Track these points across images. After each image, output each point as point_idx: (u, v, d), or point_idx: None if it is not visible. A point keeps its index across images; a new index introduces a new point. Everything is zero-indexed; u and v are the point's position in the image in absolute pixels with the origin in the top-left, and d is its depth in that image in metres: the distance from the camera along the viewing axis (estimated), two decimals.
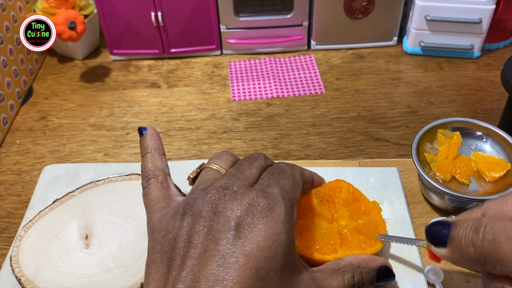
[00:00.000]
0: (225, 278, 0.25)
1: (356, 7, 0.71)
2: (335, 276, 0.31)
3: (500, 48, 0.74)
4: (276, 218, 0.28)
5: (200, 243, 0.27)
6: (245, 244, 0.26)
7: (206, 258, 0.27)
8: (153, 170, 0.35)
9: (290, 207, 0.30)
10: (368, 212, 0.40)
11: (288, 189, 0.31)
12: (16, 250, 0.43)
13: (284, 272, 0.28)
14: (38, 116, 0.65)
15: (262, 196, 0.29)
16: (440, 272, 0.41)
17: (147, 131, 0.37)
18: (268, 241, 0.27)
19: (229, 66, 0.73)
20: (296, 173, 0.34)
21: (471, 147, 0.48)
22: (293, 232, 0.30)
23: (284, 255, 0.28)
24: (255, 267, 0.26)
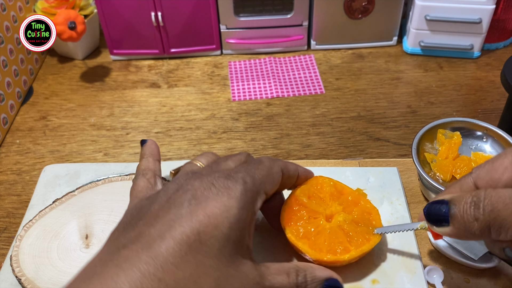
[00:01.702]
0: (165, 235, 0.26)
1: (356, 7, 0.71)
2: (279, 273, 0.31)
3: (500, 48, 0.74)
4: (230, 194, 0.29)
5: (155, 209, 0.29)
6: (194, 210, 0.28)
7: (156, 220, 0.28)
8: (143, 169, 0.38)
9: (252, 191, 0.31)
10: (356, 201, 0.40)
11: (257, 177, 0.32)
12: (16, 250, 0.43)
13: (228, 246, 0.28)
14: (38, 116, 0.65)
15: (223, 177, 0.30)
16: (440, 272, 0.41)
17: (147, 142, 0.41)
18: (217, 210, 0.28)
19: (229, 66, 0.73)
20: (275, 167, 0.35)
21: (471, 147, 0.48)
22: (248, 215, 0.30)
23: (231, 228, 0.28)
24: (198, 229, 0.27)
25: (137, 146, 0.60)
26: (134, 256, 0.25)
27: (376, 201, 0.46)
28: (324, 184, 0.41)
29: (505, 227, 0.26)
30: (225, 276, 0.27)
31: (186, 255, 0.26)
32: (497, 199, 0.26)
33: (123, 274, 0.24)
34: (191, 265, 0.26)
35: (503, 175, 0.28)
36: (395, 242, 0.43)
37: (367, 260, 0.42)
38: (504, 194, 0.26)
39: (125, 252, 0.26)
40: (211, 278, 0.27)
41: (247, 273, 0.29)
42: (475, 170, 0.30)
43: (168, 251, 0.26)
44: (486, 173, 0.29)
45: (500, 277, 0.41)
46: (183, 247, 0.26)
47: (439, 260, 0.43)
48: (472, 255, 0.41)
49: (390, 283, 0.39)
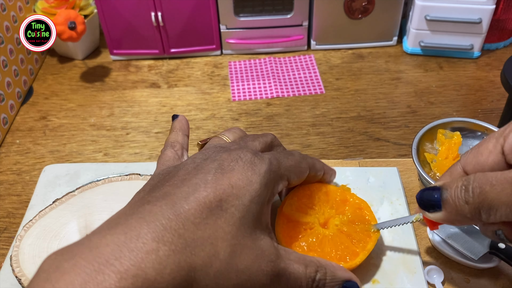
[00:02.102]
0: (190, 196, 0.27)
1: (356, 7, 0.71)
2: (298, 262, 0.31)
3: (500, 48, 0.74)
4: (255, 169, 0.30)
5: (182, 174, 0.30)
6: (219, 178, 0.29)
7: (182, 182, 0.29)
8: (172, 142, 0.38)
9: (275, 173, 0.32)
10: (344, 199, 0.40)
11: (283, 164, 0.33)
12: (16, 250, 0.43)
13: (247, 218, 0.29)
14: (38, 116, 0.65)
15: (250, 153, 0.31)
16: (440, 272, 0.41)
17: (178, 117, 0.42)
18: (240, 182, 0.29)
19: (229, 66, 0.73)
20: (304, 163, 0.36)
21: (471, 147, 0.48)
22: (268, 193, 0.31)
23: (252, 201, 0.29)
24: (220, 196, 0.28)
25: (137, 146, 0.60)
26: (157, 211, 0.26)
27: (376, 201, 0.46)
28: (308, 192, 0.40)
29: (493, 208, 0.26)
30: (241, 245, 0.28)
31: (206, 217, 0.27)
32: (484, 181, 0.27)
33: (146, 225, 0.25)
34: (210, 227, 0.27)
35: (488, 158, 0.29)
36: (395, 242, 0.43)
37: (367, 260, 0.42)
38: (491, 176, 0.27)
39: (149, 206, 0.27)
40: (227, 243, 0.27)
41: (263, 248, 0.29)
42: (463, 157, 0.31)
43: (190, 211, 0.27)
44: (472, 157, 0.30)
45: (500, 277, 0.41)
46: (205, 210, 0.27)
47: (439, 260, 0.43)
48: (472, 255, 0.41)
49: (390, 283, 0.39)
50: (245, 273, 0.28)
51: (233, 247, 0.28)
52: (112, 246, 0.24)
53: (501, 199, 0.26)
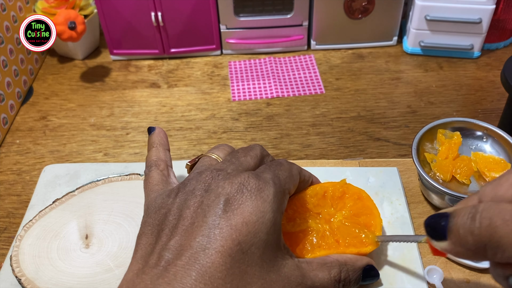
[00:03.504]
0: (208, 247, 0.27)
1: (356, 7, 0.71)
2: (321, 269, 0.32)
3: (500, 48, 0.74)
4: (264, 197, 0.29)
5: (189, 216, 0.29)
6: (231, 218, 0.28)
7: (193, 229, 0.28)
8: (155, 160, 0.37)
9: (281, 192, 0.31)
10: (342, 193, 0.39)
11: (282, 178, 0.33)
12: (16, 250, 0.43)
13: (267, 251, 0.28)
14: (38, 116, 0.65)
15: (253, 178, 0.30)
16: (440, 272, 0.41)
17: (155, 130, 0.40)
18: (254, 217, 0.28)
19: (229, 66, 0.73)
20: (294, 169, 0.36)
21: (471, 147, 0.48)
22: (280, 217, 0.30)
23: (268, 233, 0.28)
24: (238, 239, 0.27)
25: (137, 146, 0.60)
26: (183, 273, 0.26)
27: (376, 201, 0.46)
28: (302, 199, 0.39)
29: (501, 247, 0.22)
30: (268, 283, 0.28)
31: (231, 267, 0.26)
32: (496, 213, 0.23)
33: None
34: (236, 276, 0.27)
35: (508, 191, 0.25)
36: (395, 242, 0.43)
37: None
38: (504, 208, 0.23)
39: (173, 269, 0.26)
40: (255, 287, 0.27)
41: (288, 275, 0.29)
42: (482, 188, 0.27)
43: (213, 265, 0.26)
44: (491, 189, 0.26)
45: None
46: (227, 259, 0.27)
47: (439, 260, 0.43)
48: None
49: (390, 283, 0.39)
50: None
51: (260, 286, 0.27)
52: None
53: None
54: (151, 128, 0.40)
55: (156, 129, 0.40)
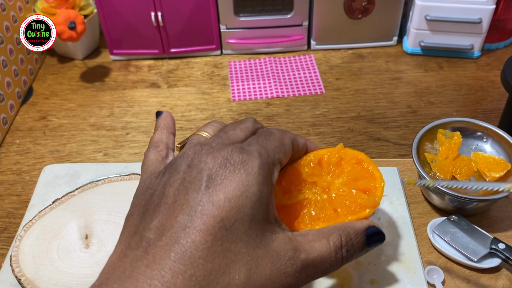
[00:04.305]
0: (188, 226, 0.26)
1: (356, 7, 0.71)
2: (318, 239, 0.30)
3: (500, 48, 0.74)
4: (248, 170, 0.28)
5: (171, 194, 0.28)
6: (213, 194, 0.27)
7: (175, 207, 0.27)
8: (155, 142, 0.36)
9: (268, 163, 0.30)
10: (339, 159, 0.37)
11: (270, 148, 0.31)
12: (16, 250, 0.43)
13: (253, 226, 0.27)
14: (38, 116, 0.65)
15: (237, 151, 0.29)
16: (440, 272, 0.41)
17: (162, 114, 0.39)
18: (237, 191, 0.27)
19: (229, 66, 0.73)
20: (286, 138, 0.34)
21: (471, 147, 0.48)
22: (267, 189, 0.29)
23: (254, 207, 0.27)
24: (221, 216, 0.26)
25: (137, 146, 0.60)
26: (163, 255, 0.25)
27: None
28: (296, 169, 0.37)
29: None
30: (255, 259, 0.27)
31: (212, 246, 0.25)
32: None
33: (155, 274, 0.24)
34: (218, 255, 0.26)
35: None
36: (395, 242, 0.43)
37: (367, 260, 0.42)
38: None
39: (153, 250, 0.26)
40: (240, 264, 0.26)
41: (278, 250, 0.28)
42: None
43: (194, 245, 0.25)
44: None
45: (500, 277, 0.41)
46: (209, 237, 0.26)
47: (439, 260, 0.43)
48: (472, 255, 0.41)
49: (390, 283, 0.39)
50: (268, 285, 0.27)
51: (247, 266, 0.26)
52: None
53: None
54: (159, 112, 0.40)
55: (164, 112, 0.39)
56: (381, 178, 0.35)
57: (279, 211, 0.34)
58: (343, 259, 0.30)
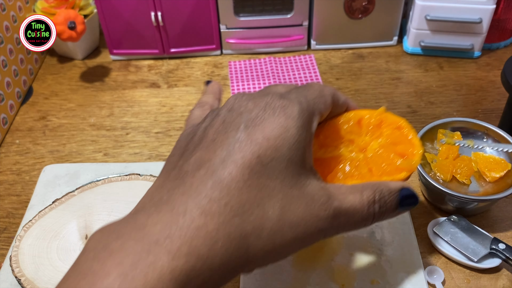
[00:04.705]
0: (227, 159, 0.26)
1: (356, 7, 0.71)
2: (352, 192, 0.30)
3: (501, 48, 0.74)
4: (287, 114, 0.28)
5: (211, 133, 0.29)
6: (252, 133, 0.27)
7: (214, 144, 0.28)
8: (201, 102, 0.38)
9: (307, 111, 0.30)
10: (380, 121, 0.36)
11: (310, 98, 0.31)
12: (16, 250, 0.43)
13: (289, 167, 0.28)
14: (38, 116, 0.65)
15: (277, 98, 0.29)
16: (441, 272, 0.41)
17: (211, 83, 0.41)
18: (275, 132, 0.27)
19: (229, 66, 0.73)
20: (326, 91, 0.34)
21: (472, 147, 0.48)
22: (306, 136, 0.29)
23: (291, 149, 0.28)
24: (258, 152, 0.27)
25: (137, 146, 0.60)
26: (198, 183, 0.26)
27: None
28: (335, 125, 0.36)
29: None
30: (289, 197, 0.27)
31: (249, 179, 0.26)
32: None
33: (191, 200, 0.25)
34: (254, 188, 0.26)
35: None
36: (395, 242, 0.43)
37: (367, 260, 0.42)
38: None
39: (190, 179, 0.26)
40: (274, 200, 0.27)
41: (312, 193, 0.28)
42: None
43: (230, 176, 0.26)
44: None
45: (500, 277, 0.41)
46: (245, 171, 0.26)
47: (440, 260, 0.43)
48: (472, 255, 0.41)
49: (389, 283, 0.39)
50: (300, 225, 0.27)
51: (281, 202, 0.27)
52: (160, 225, 0.24)
53: None
54: (208, 81, 0.42)
55: (212, 81, 0.41)
56: (420, 146, 0.35)
57: (314, 163, 0.33)
58: (375, 215, 0.30)
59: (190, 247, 0.23)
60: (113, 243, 0.23)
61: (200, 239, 0.24)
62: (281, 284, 0.40)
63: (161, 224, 0.24)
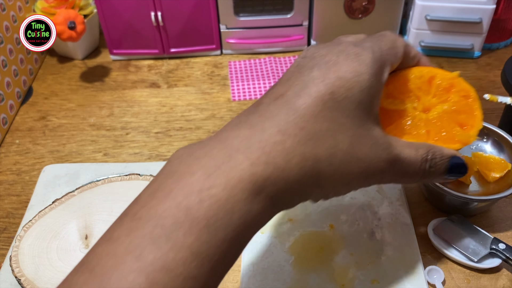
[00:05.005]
0: (302, 93, 0.28)
1: (356, 7, 0.71)
2: (408, 146, 0.32)
3: (501, 48, 0.74)
4: (361, 60, 0.29)
5: (286, 75, 0.31)
6: (325, 73, 0.29)
7: (288, 82, 0.30)
8: None
9: (380, 60, 0.31)
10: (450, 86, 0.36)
11: (383, 48, 0.32)
12: (16, 250, 0.43)
13: (360, 108, 0.29)
14: (37, 116, 0.65)
15: (352, 45, 0.31)
16: (441, 272, 0.41)
17: None
18: (348, 74, 0.29)
19: (229, 66, 0.73)
20: (399, 42, 0.35)
21: (472, 147, 0.48)
22: (377, 83, 0.30)
23: (362, 92, 0.29)
24: (331, 89, 0.28)
25: (137, 146, 0.60)
26: (275, 109, 0.28)
27: (377, 201, 0.46)
28: (404, 78, 0.36)
29: None
30: (358, 136, 0.29)
31: (322, 110, 0.28)
32: None
33: (268, 121, 0.27)
34: (327, 119, 0.28)
35: None
36: (395, 242, 0.43)
37: (367, 260, 0.42)
38: None
39: (266, 107, 0.28)
40: (345, 134, 0.28)
41: (377, 137, 0.30)
42: None
43: (305, 105, 0.27)
44: None
45: (500, 277, 0.41)
46: (319, 103, 0.28)
47: (440, 260, 0.43)
48: (472, 255, 0.41)
49: (390, 283, 0.39)
50: (365, 161, 0.29)
51: (351, 138, 0.28)
52: (240, 138, 0.26)
53: None
54: None
55: None
56: (481, 121, 0.35)
57: None
58: (424, 172, 0.32)
59: (268, 158, 0.25)
60: (197, 151, 0.26)
61: (278, 152, 0.26)
62: (281, 284, 0.40)
63: (241, 138, 0.26)
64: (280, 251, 0.43)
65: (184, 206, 0.23)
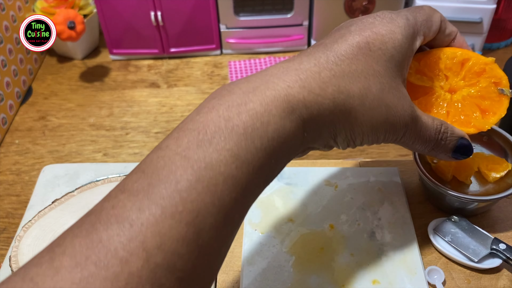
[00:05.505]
0: (339, 41, 0.29)
1: (356, 6, 0.71)
2: (426, 115, 0.33)
3: (501, 48, 0.74)
4: (395, 23, 0.31)
5: (325, 37, 0.32)
6: (362, 29, 0.30)
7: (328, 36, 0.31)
8: None
9: (413, 28, 0.32)
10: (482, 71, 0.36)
11: (418, 19, 0.33)
12: (15, 250, 0.43)
13: (392, 61, 0.30)
14: (37, 116, 0.65)
15: (387, 12, 0.32)
16: (441, 273, 0.41)
17: None
18: (383, 31, 0.30)
19: (229, 65, 0.73)
20: (435, 16, 0.35)
21: None
22: (409, 47, 0.31)
23: (395, 49, 0.30)
24: (367, 39, 0.30)
25: (136, 146, 0.60)
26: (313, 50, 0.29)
27: (377, 202, 0.46)
28: (436, 57, 0.36)
29: None
30: (388, 85, 0.30)
31: (357, 54, 0.29)
32: None
33: (305, 57, 0.29)
34: (362, 63, 0.29)
35: None
36: (395, 242, 0.43)
37: (367, 260, 0.42)
38: None
39: (304, 52, 0.29)
40: (377, 80, 0.29)
41: (404, 94, 0.31)
42: None
43: (341, 48, 0.29)
44: None
45: (501, 277, 0.41)
46: (355, 48, 0.29)
47: (440, 261, 0.43)
48: (473, 255, 0.41)
49: (390, 283, 0.39)
50: (393, 109, 0.30)
51: (382, 85, 0.29)
52: (278, 68, 0.28)
53: None
54: None
55: None
56: (504, 110, 0.35)
57: None
58: (435, 143, 0.33)
59: (304, 82, 0.27)
60: (238, 80, 0.28)
61: (314, 80, 0.27)
62: (281, 285, 0.40)
63: (279, 67, 0.28)
64: (280, 252, 0.42)
65: (225, 117, 0.25)
